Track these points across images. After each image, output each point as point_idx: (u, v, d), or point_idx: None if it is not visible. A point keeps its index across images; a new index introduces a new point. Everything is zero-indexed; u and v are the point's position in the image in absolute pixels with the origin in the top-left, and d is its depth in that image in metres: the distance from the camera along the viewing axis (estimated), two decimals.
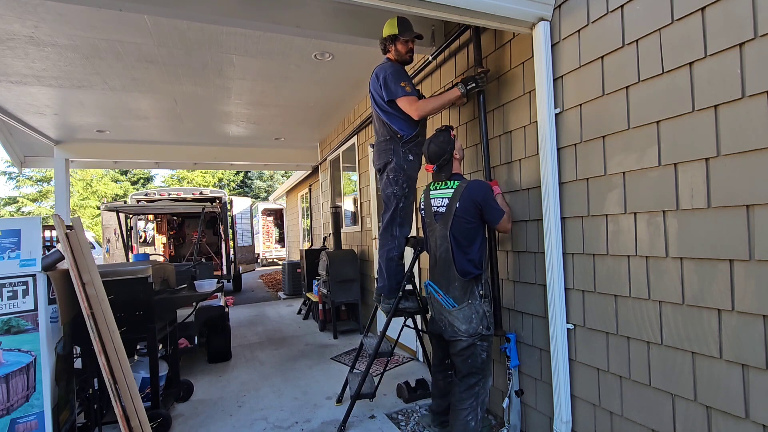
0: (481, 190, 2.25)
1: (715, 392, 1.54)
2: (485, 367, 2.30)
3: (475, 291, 2.23)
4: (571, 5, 2.10)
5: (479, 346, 2.23)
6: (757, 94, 1.40)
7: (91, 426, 2.63)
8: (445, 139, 2.38)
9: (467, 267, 2.23)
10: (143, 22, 3.13)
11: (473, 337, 2.20)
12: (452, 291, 2.26)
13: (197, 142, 7.40)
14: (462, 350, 2.25)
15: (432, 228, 2.42)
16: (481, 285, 2.24)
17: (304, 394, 3.49)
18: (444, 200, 2.33)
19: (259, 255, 17.06)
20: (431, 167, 2.44)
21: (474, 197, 2.23)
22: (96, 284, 2.30)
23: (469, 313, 2.20)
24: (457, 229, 2.25)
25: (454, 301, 2.24)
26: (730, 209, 1.48)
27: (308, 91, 4.98)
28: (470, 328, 2.19)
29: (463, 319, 2.20)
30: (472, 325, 2.19)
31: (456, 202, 2.25)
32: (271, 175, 30.18)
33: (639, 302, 1.82)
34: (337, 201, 7.11)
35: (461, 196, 2.24)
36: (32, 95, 4.56)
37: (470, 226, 2.24)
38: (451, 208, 2.26)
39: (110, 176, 23.37)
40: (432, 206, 2.41)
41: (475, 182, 2.29)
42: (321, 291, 5.69)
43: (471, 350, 2.23)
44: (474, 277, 2.23)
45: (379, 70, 2.72)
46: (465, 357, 2.26)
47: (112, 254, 8.64)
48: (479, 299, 2.22)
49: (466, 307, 2.21)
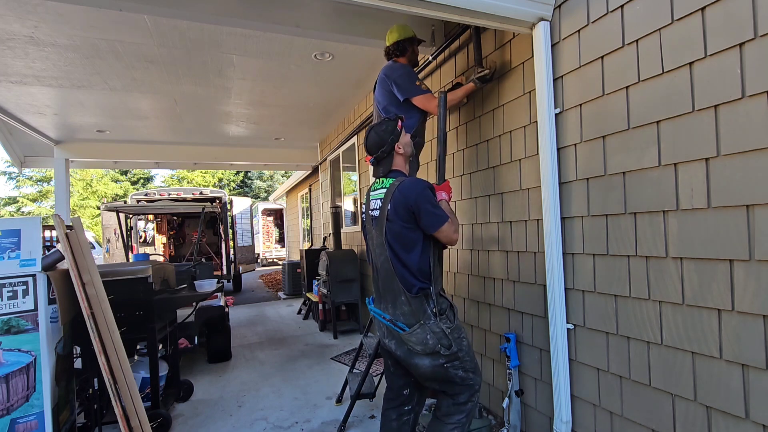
0: (413, 190, 1.88)
1: (715, 392, 1.54)
2: (470, 382, 1.96)
3: (426, 309, 1.86)
4: (571, 5, 2.10)
5: (450, 366, 1.89)
6: (757, 94, 1.39)
7: (91, 426, 2.63)
8: (388, 128, 2.04)
9: (410, 279, 1.88)
10: (143, 22, 3.13)
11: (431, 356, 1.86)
12: (399, 307, 1.89)
13: (197, 142, 7.41)
14: (431, 376, 1.92)
15: (370, 235, 2.07)
16: (433, 301, 1.88)
17: (304, 394, 3.49)
18: (378, 202, 1.99)
19: (259, 255, 17.05)
20: (369, 158, 2.12)
21: (406, 198, 1.88)
22: (96, 284, 2.30)
23: (423, 335, 1.84)
24: (392, 236, 1.90)
25: (404, 322, 1.88)
26: (730, 209, 1.48)
27: (308, 91, 4.98)
28: (426, 349, 1.86)
29: (416, 342, 1.86)
30: (427, 346, 1.85)
31: (387, 204, 1.91)
32: (271, 175, 30.18)
33: (639, 302, 1.82)
34: (337, 201, 7.11)
35: (393, 196, 1.91)
36: (32, 95, 4.56)
37: (406, 231, 1.90)
38: (384, 211, 1.92)
39: (110, 176, 23.36)
40: (370, 209, 2.07)
41: (409, 180, 1.94)
42: (321, 291, 5.69)
43: (441, 373, 1.90)
44: (422, 292, 1.87)
45: (389, 71, 2.68)
46: (439, 381, 1.95)
47: (112, 254, 8.64)
48: (433, 318, 1.85)
49: (419, 329, 1.85)
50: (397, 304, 1.91)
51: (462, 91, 2.68)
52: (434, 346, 1.84)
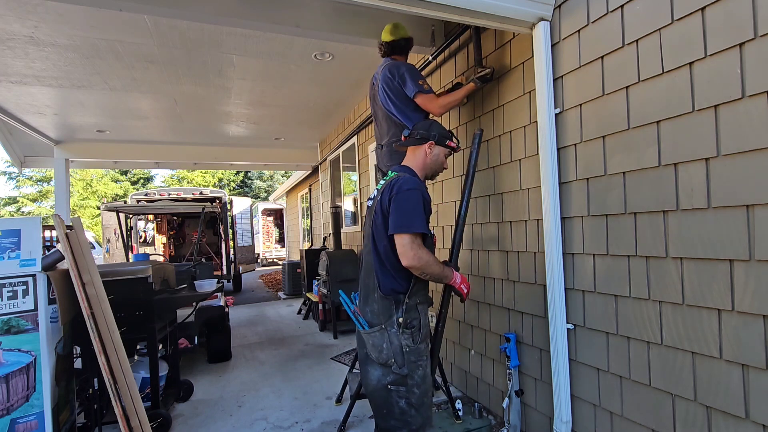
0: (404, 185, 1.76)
1: (715, 392, 1.54)
2: (409, 419, 1.71)
3: (393, 315, 1.73)
4: (571, 5, 2.10)
5: (394, 390, 1.71)
6: (757, 94, 1.39)
7: (91, 426, 2.63)
8: (442, 129, 1.98)
9: (384, 277, 1.77)
10: (143, 22, 3.13)
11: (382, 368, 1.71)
12: (370, 304, 1.79)
13: (197, 142, 7.41)
14: (372, 392, 1.76)
15: (366, 225, 1.98)
16: (402, 310, 1.73)
17: (304, 394, 3.49)
18: (376, 192, 1.91)
19: (259, 255, 17.05)
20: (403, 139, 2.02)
21: (392, 189, 1.77)
22: (96, 284, 2.30)
23: (380, 341, 1.72)
24: (377, 227, 1.81)
25: (367, 319, 1.78)
26: (730, 209, 1.48)
27: (308, 91, 4.98)
28: (379, 358, 1.72)
29: (372, 347, 1.74)
30: (381, 355, 1.71)
31: (380, 195, 1.82)
32: (271, 175, 30.18)
33: (639, 302, 1.82)
34: (337, 201, 7.11)
35: (387, 186, 1.81)
36: (32, 95, 4.56)
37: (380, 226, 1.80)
38: (376, 201, 1.85)
39: (110, 176, 23.37)
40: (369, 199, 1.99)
41: (409, 176, 1.85)
42: (321, 291, 5.69)
43: (382, 394, 1.72)
44: (393, 295, 1.75)
45: (393, 67, 2.62)
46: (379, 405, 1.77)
47: (112, 254, 8.65)
48: (396, 327, 1.71)
49: (378, 332, 1.72)
50: (368, 300, 1.81)
51: (463, 91, 2.67)
52: (387, 359, 1.70)
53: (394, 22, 2.75)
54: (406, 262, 1.69)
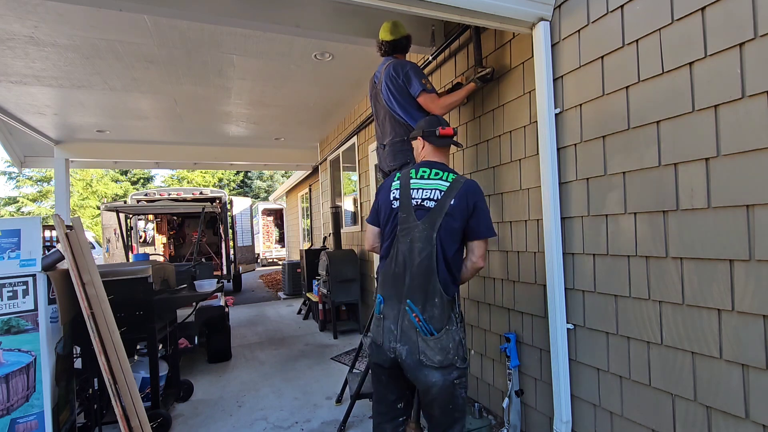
0: (480, 192, 1.85)
1: (715, 392, 1.54)
2: (465, 409, 1.82)
3: (451, 314, 1.76)
4: (571, 5, 2.10)
5: (458, 384, 1.75)
6: (757, 94, 1.39)
7: (91, 426, 2.63)
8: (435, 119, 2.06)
9: (449, 280, 1.78)
10: (143, 22, 3.13)
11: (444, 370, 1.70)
12: (429, 311, 1.72)
13: (197, 142, 7.41)
14: (436, 395, 1.73)
15: (408, 227, 1.81)
16: (458, 305, 1.80)
17: (304, 394, 3.49)
18: (434, 192, 1.80)
19: (259, 255, 17.05)
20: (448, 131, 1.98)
21: (470, 196, 1.79)
22: (96, 284, 2.30)
23: (447, 342, 1.71)
24: (447, 231, 1.77)
25: (432, 325, 1.71)
26: (730, 209, 1.48)
27: (308, 91, 4.98)
28: (445, 360, 1.70)
29: (439, 350, 1.71)
30: (448, 356, 1.70)
31: (451, 199, 1.77)
32: (271, 175, 30.18)
33: (639, 302, 1.82)
34: (337, 201, 7.11)
35: (458, 192, 1.78)
36: (32, 95, 4.56)
37: (456, 230, 1.79)
38: (443, 205, 1.77)
39: (110, 176, 23.36)
40: (413, 198, 1.83)
41: (473, 182, 1.88)
42: (321, 291, 5.69)
43: (449, 392, 1.73)
44: (455, 294, 1.79)
45: (398, 66, 2.59)
46: (445, 402, 1.75)
47: (112, 254, 8.64)
48: (456, 324, 1.75)
49: (444, 335, 1.72)
50: (427, 305, 1.73)
51: (464, 92, 2.66)
52: (453, 358, 1.71)
53: (393, 21, 2.73)
54: (482, 264, 1.86)
